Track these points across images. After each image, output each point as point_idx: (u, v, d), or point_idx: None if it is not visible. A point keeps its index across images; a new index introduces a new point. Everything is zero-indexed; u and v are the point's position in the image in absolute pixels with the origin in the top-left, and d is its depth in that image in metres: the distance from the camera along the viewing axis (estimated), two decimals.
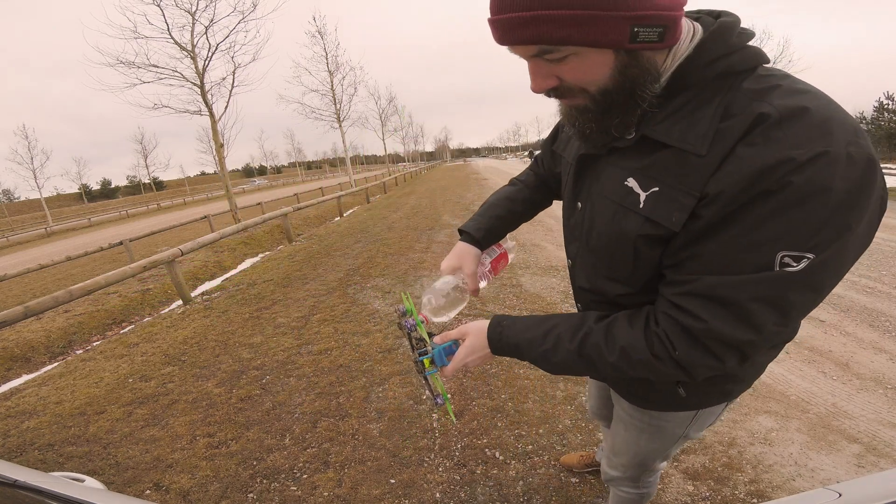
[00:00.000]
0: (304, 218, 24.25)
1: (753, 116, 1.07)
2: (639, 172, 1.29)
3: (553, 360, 1.45)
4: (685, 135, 1.17)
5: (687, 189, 1.16)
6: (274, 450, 4.28)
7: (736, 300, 1.12)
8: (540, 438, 4.06)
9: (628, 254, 1.35)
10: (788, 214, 1.02)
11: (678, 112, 1.20)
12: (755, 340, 1.15)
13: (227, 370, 6.06)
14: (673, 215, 1.19)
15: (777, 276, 1.07)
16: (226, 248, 16.10)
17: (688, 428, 1.79)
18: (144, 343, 7.68)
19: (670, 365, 1.27)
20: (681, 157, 1.18)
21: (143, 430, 4.88)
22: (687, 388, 1.58)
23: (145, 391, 5.78)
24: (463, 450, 4.01)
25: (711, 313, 1.16)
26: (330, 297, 8.76)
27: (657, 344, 1.27)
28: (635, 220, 1.29)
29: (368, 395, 5.01)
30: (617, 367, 1.34)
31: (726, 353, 1.19)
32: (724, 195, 1.09)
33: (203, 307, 9.37)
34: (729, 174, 1.08)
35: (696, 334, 1.20)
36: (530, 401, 4.60)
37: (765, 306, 1.10)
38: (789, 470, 3.47)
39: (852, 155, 1.00)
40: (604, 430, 2.96)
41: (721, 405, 1.72)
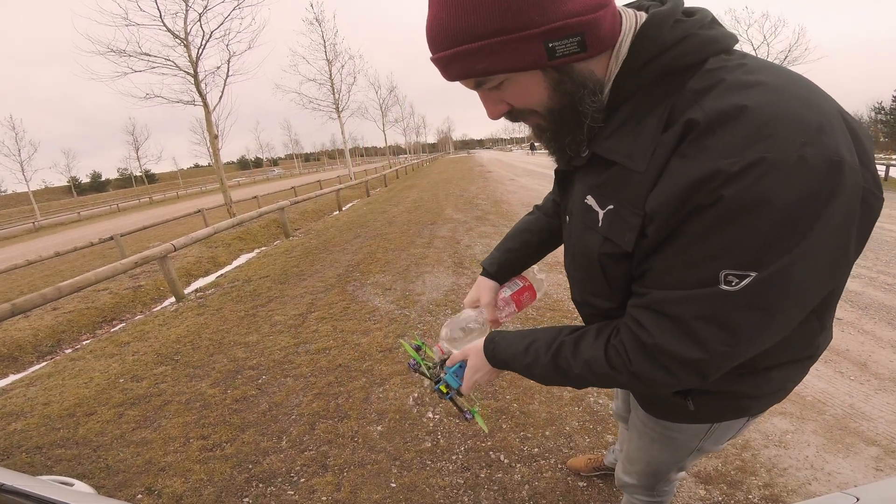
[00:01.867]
0: (302, 212, 24.28)
1: (682, 125, 1.05)
2: (595, 190, 1.30)
3: (535, 373, 1.52)
4: (630, 150, 1.16)
5: (633, 208, 1.16)
6: (270, 452, 4.28)
7: (680, 316, 1.12)
8: (546, 441, 4.06)
9: (598, 270, 1.36)
10: (724, 230, 0.99)
11: (624, 125, 1.19)
12: (705, 359, 1.13)
13: (221, 370, 6.06)
14: (625, 235, 1.19)
15: (718, 293, 1.04)
16: (220, 244, 16.15)
17: (702, 441, 1.78)
18: (136, 342, 7.69)
19: (628, 377, 1.28)
20: (626, 173, 1.18)
21: (135, 432, 4.88)
22: (696, 401, 1.57)
23: (137, 392, 5.79)
24: (466, 453, 4.01)
25: (659, 328, 1.17)
26: (328, 294, 8.77)
27: (615, 357, 1.29)
28: (596, 238, 1.31)
29: (368, 395, 5.01)
30: (583, 378, 1.39)
31: (679, 370, 1.19)
32: (660, 213, 1.07)
33: (197, 305, 9.38)
34: (663, 190, 1.06)
35: (649, 349, 1.20)
36: (536, 402, 4.60)
37: (708, 324, 1.08)
38: (805, 474, 3.47)
39: (806, 159, 0.93)
40: (621, 432, 2.96)
41: (739, 420, 1.69)
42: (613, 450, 3.41)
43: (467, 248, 10.99)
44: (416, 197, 24.33)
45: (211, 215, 25.99)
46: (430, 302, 7.56)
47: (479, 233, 12.69)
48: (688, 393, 1.56)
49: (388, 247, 12.18)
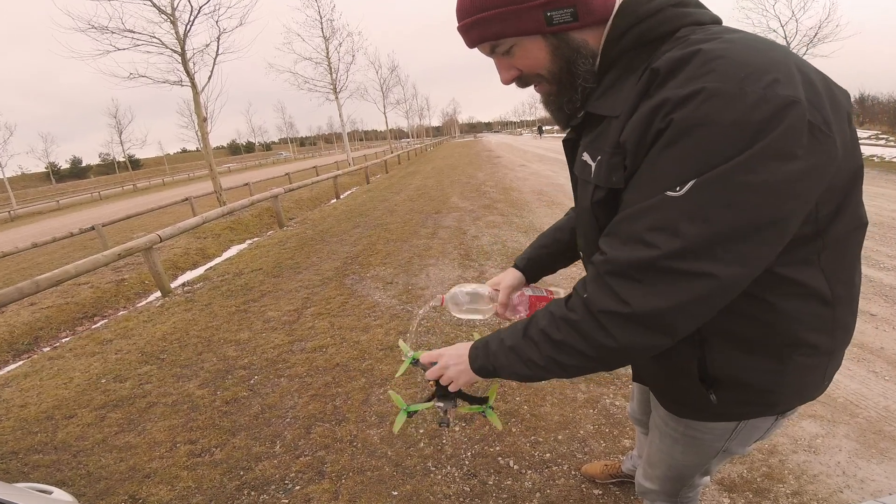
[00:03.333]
0: (297, 200, 24.28)
1: (648, 74, 1.25)
2: (589, 146, 1.49)
3: (506, 344, 1.62)
4: (612, 104, 1.38)
5: (612, 149, 1.34)
6: (263, 458, 4.29)
7: (631, 229, 1.27)
8: (559, 445, 4.06)
9: (594, 226, 1.51)
10: (674, 148, 1.16)
11: (611, 87, 1.42)
12: (651, 257, 1.22)
13: (210, 370, 6.08)
14: (613, 175, 1.35)
15: (664, 199, 1.19)
16: (209, 234, 16.18)
17: (728, 442, 1.78)
18: (119, 339, 7.70)
19: (583, 315, 1.38)
20: (609, 124, 1.38)
21: (118, 437, 4.90)
22: (719, 392, 1.58)
23: (120, 393, 5.80)
24: (473, 458, 4.01)
25: (611, 245, 1.32)
26: (325, 288, 8.78)
27: (574, 296, 1.46)
28: (589, 189, 1.48)
29: (368, 397, 5.02)
30: (543, 335, 1.49)
31: (625, 287, 1.28)
32: (629, 141, 1.26)
33: (184, 299, 9.40)
34: (630, 124, 1.26)
35: (598, 269, 1.35)
36: (548, 403, 4.60)
37: (657, 231, 1.21)
38: (836, 481, 3.46)
39: (745, 91, 1.10)
40: (639, 437, 2.97)
41: (768, 419, 1.70)
42: (632, 455, 3.41)
43: (474, 239, 11.00)
44: (419, 184, 24.35)
45: (199, 204, 26.00)
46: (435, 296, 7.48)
47: (487, 222, 12.70)
48: (711, 385, 1.57)
49: (390, 237, 12.19)
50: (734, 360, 1.49)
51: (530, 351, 1.52)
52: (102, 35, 17.35)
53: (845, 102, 1.28)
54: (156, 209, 24.49)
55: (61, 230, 20.39)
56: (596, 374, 4.85)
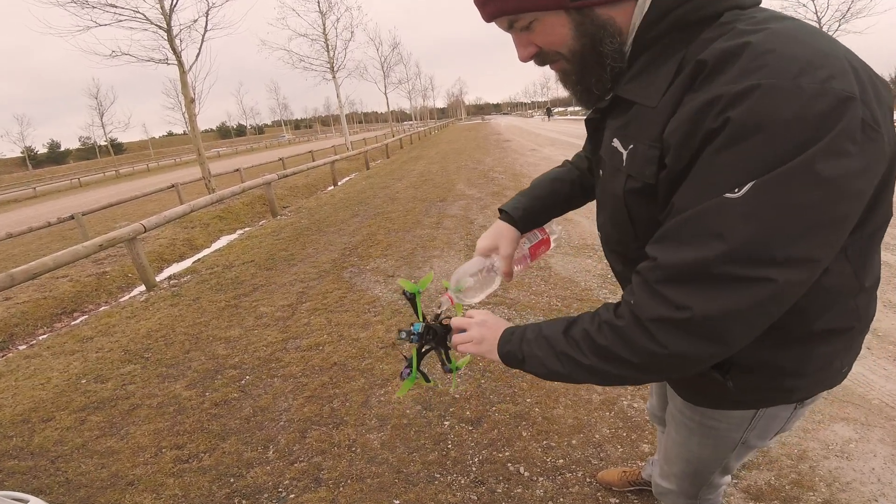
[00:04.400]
0: (291, 187, 24.28)
1: (693, 66, 1.24)
2: (619, 131, 1.49)
3: (543, 334, 1.61)
4: (645, 90, 1.37)
5: (650, 142, 1.34)
6: (255, 464, 4.30)
7: (683, 233, 1.24)
8: (573, 451, 4.06)
9: (624, 213, 1.53)
10: (731, 149, 1.14)
11: (644, 71, 1.40)
12: (707, 262, 1.20)
13: (198, 369, 6.09)
14: (646, 168, 1.36)
15: (721, 202, 1.16)
16: (197, 224, 16.20)
17: (746, 432, 1.81)
18: (100, 337, 7.72)
19: (629, 322, 1.36)
20: (643, 112, 1.38)
21: (99, 441, 4.90)
22: (735, 379, 1.60)
23: (101, 394, 5.81)
24: (481, 464, 4.01)
25: (661, 250, 1.29)
26: (322, 281, 8.79)
27: (622, 302, 1.43)
28: (621, 178, 1.48)
29: (368, 398, 5.03)
30: (586, 337, 1.47)
31: (678, 293, 1.26)
32: (674, 140, 1.24)
33: (170, 294, 9.41)
34: (676, 119, 1.24)
35: (646, 276, 1.33)
36: (561, 406, 4.60)
37: (711, 235, 1.19)
38: (871, 489, 3.45)
39: (801, 86, 1.08)
40: (660, 439, 2.96)
41: (787, 408, 1.74)
42: (652, 461, 3.40)
43: (482, 229, 10.89)
44: (422, 170, 24.36)
45: (187, 191, 26.03)
46: (440, 291, 7.47)
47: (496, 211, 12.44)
48: (727, 370, 1.60)
49: (391, 227, 12.20)
50: (754, 348, 1.48)
51: (571, 350, 1.51)
52: (82, 10, 17.35)
53: (887, 96, 1.25)
54: (140, 197, 24.41)
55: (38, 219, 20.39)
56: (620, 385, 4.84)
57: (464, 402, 4.77)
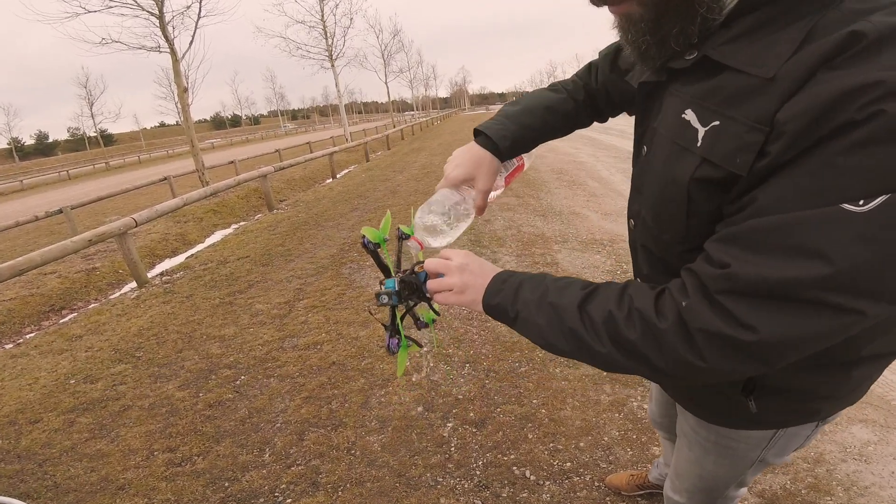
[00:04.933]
0: (288, 180, 24.30)
1: (843, 36, 0.98)
2: (698, 102, 1.24)
3: (549, 300, 1.41)
4: (754, 57, 1.11)
5: (752, 122, 1.08)
6: (250, 468, 4.29)
7: (774, 241, 1.03)
8: (580, 454, 4.06)
9: (681, 204, 1.29)
10: (875, 151, 0.92)
11: (752, 32, 1.15)
12: (800, 282, 1.00)
13: (192, 369, 6.09)
14: (738, 156, 1.11)
15: (835, 212, 0.96)
16: (191, 218, 16.22)
17: (764, 451, 1.76)
18: (90, 335, 7.72)
19: (673, 326, 1.17)
20: (747, 82, 1.12)
21: (89, 444, 4.90)
22: (759, 401, 1.54)
23: (91, 395, 5.81)
24: (485, 468, 4.01)
25: (736, 255, 1.09)
26: (320, 277, 8.79)
27: (667, 298, 1.22)
28: (691, 160, 1.24)
29: (368, 399, 5.03)
30: (610, 322, 1.28)
31: (749, 311, 1.06)
32: (794, 126, 1.00)
33: (162, 291, 9.41)
34: (801, 101, 1.00)
35: (708, 283, 1.13)
36: (568, 407, 4.60)
37: (814, 250, 0.99)
38: (890, 493, 3.45)
39: None
40: (664, 443, 2.95)
41: (808, 426, 1.67)
42: (658, 463, 3.40)
43: (486, 223, 10.96)
44: (424, 162, 24.34)
45: (179, 184, 26.04)
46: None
47: (501, 205, 12.66)
48: (752, 390, 1.51)
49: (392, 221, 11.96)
50: (791, 371, 1.40)
51: (584, 331, 1.32)
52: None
53: None
54: (131, 190, 24.30)
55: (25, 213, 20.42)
56: (623, 376, 4.82)
57: (467, 403, 4.76)
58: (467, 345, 5.79)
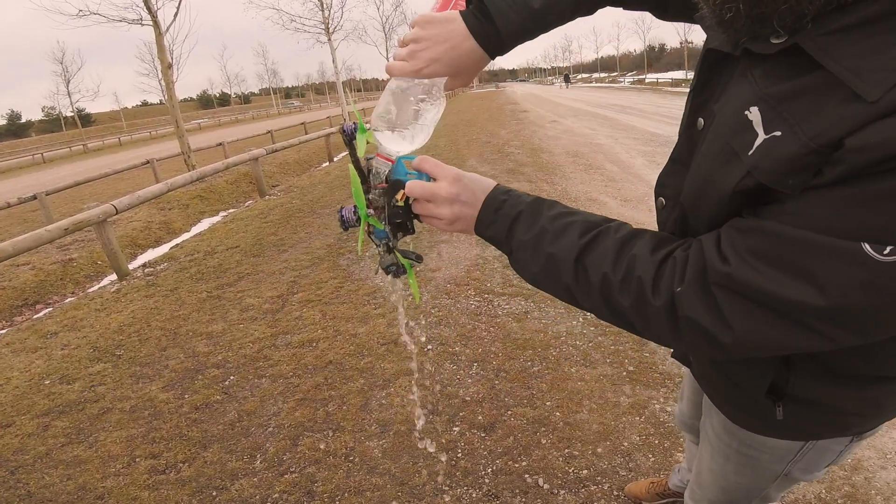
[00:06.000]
0: (281, 163, 24.30)
1: None
2: (771, 103, 1.07)
3: (546, 250, 1.36)
4: (859, 62, 0.94)
5: (818, 145, 0.96)
6: (240, 475, 4.30)
7: (772, 249, 1.04)
8: (598, 460, 4.05)
9: (718, 210, 1.22)
10: None
11: (865, 25, 0.96)
12: (795, 304, 1.02)
13: (177, 369, 6.09)
14: (790, 178, 1.01)
15: (853, 251, 0.94)
16: (175, 205, 16.21)
17: (790, 464, 1.74)
18: (66, 332, 7.72)
19: (664, 308, 1.19)
20: (837, 93, 0.96)
21: (65, 450, 4.91)
22: (787, 408, 1.53)
23: (67, 397, 5.81)
24: (495, 475, 4.00)
25: (741, 252, 1.08)
26: (315, 269, 8.80)
27: (667, 271, 1.21)
28: (737, 170, 1.13)
29: (367, 401, 5.02)
30: (604, 285, 1.27)
31: (735, 311, 1.10)
32: (864, 156, 0.90)
33: (145, 284, 9.42)
34: (883, 131, 0.88)
35: (710, 271, 1.12)
36: (585, 410, 4.59)
37: (819, 281, 0.99)
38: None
39: None
40: (688, 446, 2.94)
41: (841, 441, 1.64)
42: (680, 468, 3.39)
43: None
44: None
45: (163, 167, 26.05)
46: (448, 280, 7.58)
47: None
48: (780, 397, 1.51)
49: None
50: (820, 384, 1.43)
51: (576, 286, 1.32)
52: None
53: None
54: (110, 174, 24.39)
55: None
56: (644, 375, 4.84)
57: (475, 405, 4.76)
58: (475, 342, 5.79)
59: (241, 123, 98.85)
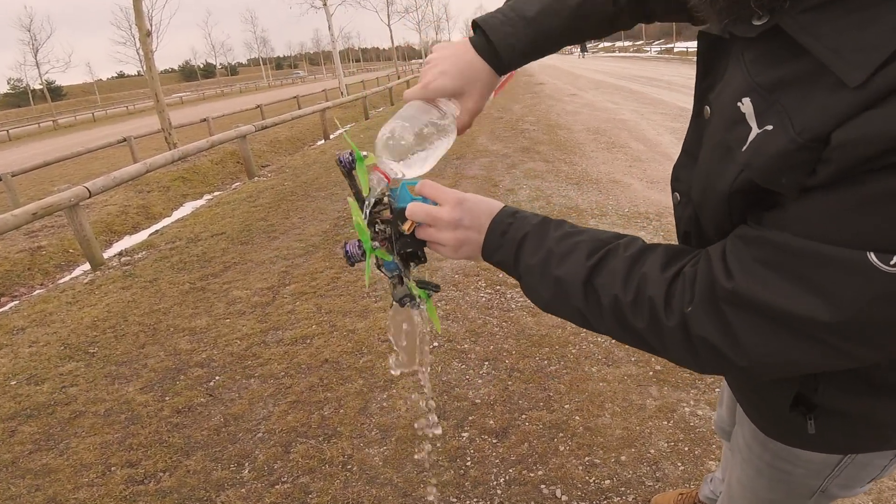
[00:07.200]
0: (272, 141, 24.32)
1: None
2: (760, 91, 1.10)
3: (553, 273, 1.37)
4: (839, 39, 0.94)
5: (807, 139, 0.97)
6: (227, 486, 4.29)
7: (778, 259, 1.05)
8: (622, 469, 4.04)
9: (722, 213, 1.26)
10: None
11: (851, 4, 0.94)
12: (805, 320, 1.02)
13: (156, 368, 6.09)
14: (782, 176, 1.03)
15: (859, 261, 0.94)
16: (155, 187, 16.24)
17: (827, 480, 1.71)
18: (34, 327, 7.73)
19: (676, 325, 1.19)
20: (824, 79, 0.97)
21: (33, 457, 4.91)
22: (819, 421, 1.50)
23: (36, 399, 5.82)
24: (507, 486, 4.00)
25: (746, 262, 1.10)
26: (310, 258, 8.81)
27: (678, 287, 1.22)
28: (732, 168, 1.17)
29: (366, 404, 5.02)
30: (616, 308, 1.29)
31: (741, 321, 1.10)
32: (851, 152, 0.91)
33: (121, 274, 9.42)
34: (870, 123, 0.88)
35: (717, 287, 1.13)
36: (607, 413, 4.58)
37: (828, 294, 0.99)
38: None
39: None
40: (724, 456, 2.93)
41: (884, 455, 1.63)
42: (712, 478, 3.38)
43: (509, 193, 10.98)
44: None
45: (141, 146, 26.12)
46: (456, 270, 7.58)
47: (526, 171, 12.70)
48: (811, 408, 1.49)
49: None
50: (853, 396, 1.41)
51: (588, 310, 1.34)
52: None
53: None
54: (83, 153, 24.44)
55: None
56: (672, 376, 4.83)
57: (486, 408, 4.75)
58: (486, 339, 5.79)
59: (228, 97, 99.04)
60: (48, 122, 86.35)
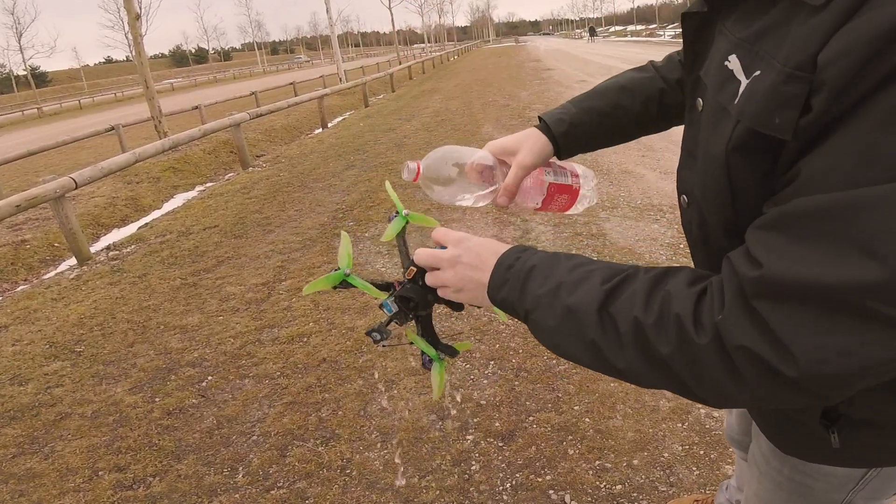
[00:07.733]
0: (267, 130, 24.31)
1: None
2: (745, 46, 1.16)
3: (564, 302, 1.29)
4: None
5: (792, 67, 0.99)
6: (219, 491, 4.29)
7: (803, 227, 0.97)
8: (634, 474, 4.03)
9: (723, 186, 1.24)
10: None
11: None
12: (850, 288, 0.89)
13: (146, 367, 6.08)
14: (775, 115, 1.02)
15: (883, 194, 0.86)
16: (145, 178, 16.22)
17: (852, 493, 1.69)
18: (18, 325, 7.74)
19: (709, 341, 1.06)
20: (801, 11, 1.01)
21: (16, 461, 4.91)
22: (843, 433, 1.46)
23: (19, 400, 5.81)
24: (514, 491, 3.99)
25: (770, 250, 1.00)
26: (307, 252, 8.81)
27: (707, 299, 1.12)
28: (727, 124, 1.18)
29: (366, 406, 5.01)
30: (637, 332, 1.17)
31: (791, 327, 0.95)
32: (833, 72, 0.91)
33: (109, 269, 9.42)
34: (844, 37, 0.90)
35: (746, 286, 1.03)
36: (619, 415, 4.57)
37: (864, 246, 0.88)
38: None
39: None
40: (739, 463, 2.92)
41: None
42: (728, 486, 3.36)
43: None
44: (438, 107, 24.32)
45: (130, 135, 26.08)
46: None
47: None
48: (835, 420, 1.44)
49: (397, 182, 12.01)
50: (879, 404, 1.36)
51: (604, 341, 1.21)
52: None
53: None
54: (69, 142, 24.30)
55: None
56: None
57: (492, 410, 4.74)
58: (492, 337, 5.79)
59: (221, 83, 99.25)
60: (32, 109, 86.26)
